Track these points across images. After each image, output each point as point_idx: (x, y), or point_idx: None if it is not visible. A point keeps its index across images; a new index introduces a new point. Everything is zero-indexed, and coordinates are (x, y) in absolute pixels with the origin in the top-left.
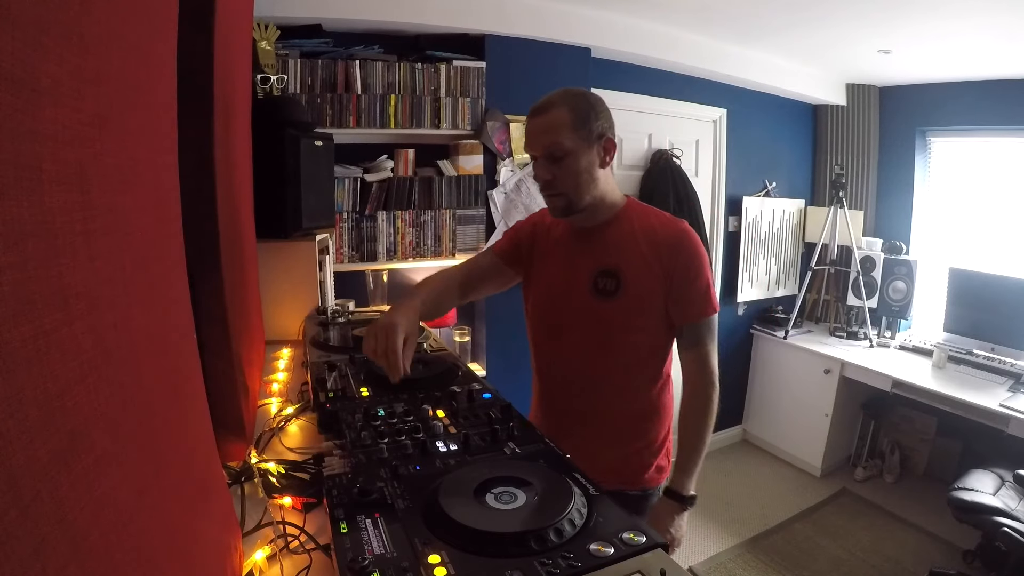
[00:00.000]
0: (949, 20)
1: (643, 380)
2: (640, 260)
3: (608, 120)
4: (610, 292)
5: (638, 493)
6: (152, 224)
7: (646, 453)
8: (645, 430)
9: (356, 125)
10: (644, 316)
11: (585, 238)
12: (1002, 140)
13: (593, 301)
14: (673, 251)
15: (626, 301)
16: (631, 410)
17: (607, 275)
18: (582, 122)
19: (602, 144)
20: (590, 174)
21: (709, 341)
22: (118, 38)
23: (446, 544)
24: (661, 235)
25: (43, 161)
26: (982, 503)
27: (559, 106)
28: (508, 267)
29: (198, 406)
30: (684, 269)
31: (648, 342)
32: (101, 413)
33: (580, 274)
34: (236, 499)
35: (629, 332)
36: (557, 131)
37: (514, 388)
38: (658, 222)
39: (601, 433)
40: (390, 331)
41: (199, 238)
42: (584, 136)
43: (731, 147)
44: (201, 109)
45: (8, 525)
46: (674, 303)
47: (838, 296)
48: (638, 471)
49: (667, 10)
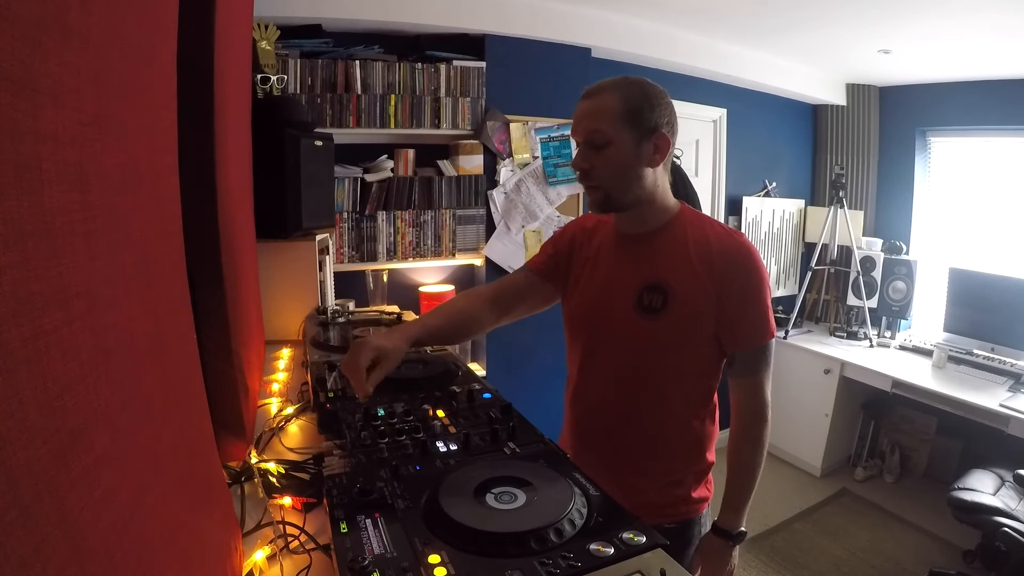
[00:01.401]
0: (949, 20)
1: (686, 408)
2: (690, 276)
3: (665, 115)
4: (656, 309)
5: (675, 526)
6: (152, 224)
7: (685, 485)
8: (687, 462)
9: (356, 125)
10: (691, 338)
11: (631, 247)
12: (1002, 140)
13: (636, 318)
14: (727, 269)
15: (672, 320)
16: (670, 440)
17: (654, 290)
18: (632, 112)
19: (653, 140)
20: (634, 170)
21: (763, 370)
22: (118, 38)
23: (446, 544)
24: (716, 249)
25: (43, 161)
26: (982, 503)
27: (610, 91)
28: (546, 283)
29: (198, 406)
30: (740, 290)
31: (694, 368)
32: (101, 413)
33: (623, 287)
34: (236, 499)
35: (674, 355)
36: (601, 117)
37: (514, 388)
38: (713, 234)
39: (637, 464)
40: (360, 350)
41: (199, 238)
42: (632, 127)
43: (731, 147)
44: (201, 109)
45: (8, 525)
46: (726, 328)
47: (838, 296)
48: (677, 503)
49: (667, 10)
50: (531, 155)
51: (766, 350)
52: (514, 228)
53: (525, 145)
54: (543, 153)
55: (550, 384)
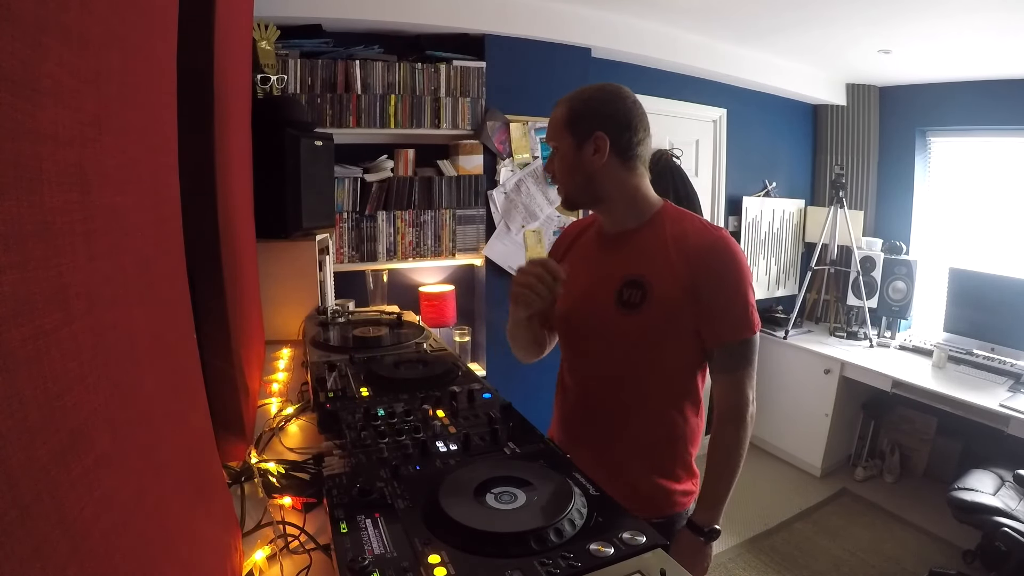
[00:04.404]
0: (949, 20)
1: (668, 403)
2: (668, 269)
3: (604, 117)
4: (635, 304)
5: (662, 520)
6: (152, 224)
7: (670, 479)
8: (670, 456)
9: (356, 125)
10: (671, 333)
11: (613, 245)
12: (1002, 140)
13: (617, 314)
14: (703, 261)
15: (651, 315)
16: (655, 434)
17: (633, 285)
18: (574, 120)
19: (593, 141)
20: (580, 170)
21: (744, 366)
22: (118, 38)
23: (446, 544)
24: (693, 242)
25: (43, 161)
26: (982, 503)
27: (562, 104)
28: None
29: (198, 406)
30: (716, 282)
31: (675, 362)
32: (101, 413)
33: (605, 284)
34: (236, 499)
35: (654, 350)
36: (553, 127)
37: (514, 388)
38: (692, 228)
39: (622, 458)
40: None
41: (199, 238)
42: (573, 133)
43: (731, 147)
44: (201, 109)
45: (8, 525)
46: (704, 321)
47: (838, 296)
48: (662, 497)
49: (667, 10)
50: (531, 155)
51: (746, 346)
52: (514, 228)
53: (525, 145)
54: (543, 153)
55: (550, 384)
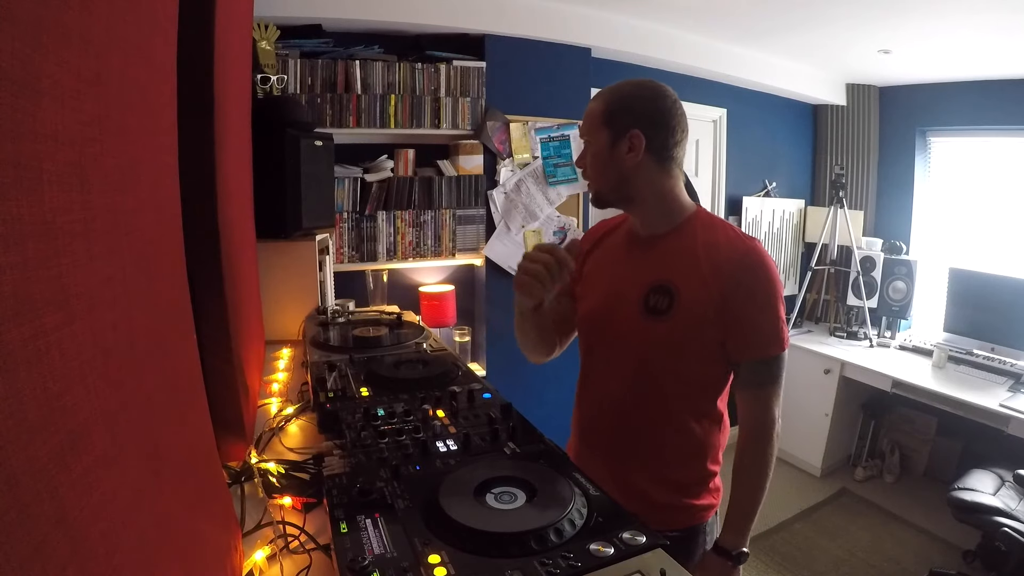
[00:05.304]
0: (949, 20)
1: (689, 413)
2: (697, 278)
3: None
4: (661, 311)
5: (680, 533)
6: (152, 224)
7: (689, 492)
8: (690, 468)
9: (356, 125)
10: (696, 342)
11: (641, 248)
12: (1002, 140)
13: (642, 319)
14: (734, 274)
15: (677, 323)
16: (674, 444)
17: (660, 291)
18: (610, 114)
19: (628, 139)
20: (612, 167)
21: (770, 383)
22: (118, 38)
23: (446, 544)
24: (724, 253)
25: (43, 161)
26: (982, 503)
27: (600, 97)
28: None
29: (198, 406)
30: (746, 297)
31: (699, 372)
32: (101, 413)
33: (631, 288)
34: (236, 499)
35: (678, 358)
36: (588, 120)
37: (514, 388)
38: (724, 237)
39: (639, 467)
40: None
41: (199, 238)
42: (608, 128)
43: (731, 147)
44: (201, 109)
45: (8, 525)
46: (731, 336)
47: (838, 296)
48: (681, 509)
49: (667, 10)
50: (531, 155)
51: (775, 363)
52: (514, 228)
53: (525, 145)
54: (543, 153)
55: (550, 384)
